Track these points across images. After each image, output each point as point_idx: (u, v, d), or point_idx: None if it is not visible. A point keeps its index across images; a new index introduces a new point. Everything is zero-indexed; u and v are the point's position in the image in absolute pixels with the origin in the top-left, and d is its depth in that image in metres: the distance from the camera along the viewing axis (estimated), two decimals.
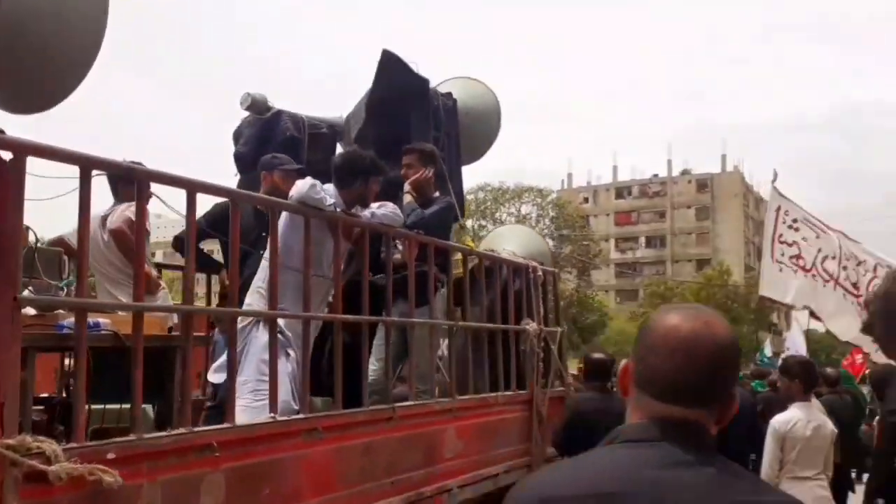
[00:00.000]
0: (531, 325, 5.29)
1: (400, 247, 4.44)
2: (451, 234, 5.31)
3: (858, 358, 13.57)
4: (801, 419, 4.84)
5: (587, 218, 56.22)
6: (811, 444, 4.85)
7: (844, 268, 7.39)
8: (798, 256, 7.46)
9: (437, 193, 4.90)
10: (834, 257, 7.38)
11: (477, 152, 6.10)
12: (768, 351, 20.39)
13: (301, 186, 3.64)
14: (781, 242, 7.57)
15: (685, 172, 73.82)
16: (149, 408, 3.59)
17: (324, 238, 3.82)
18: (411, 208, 4.60)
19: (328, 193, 3.80)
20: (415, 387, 4.19)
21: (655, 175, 74.61)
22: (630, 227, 72.98)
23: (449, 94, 5.70)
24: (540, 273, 5.61)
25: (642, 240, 72.92)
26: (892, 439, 5.31)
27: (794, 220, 7.55)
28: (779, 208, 7.59)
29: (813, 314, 7.09)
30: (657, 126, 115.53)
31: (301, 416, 3.36)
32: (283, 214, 3.73)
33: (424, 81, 5.54)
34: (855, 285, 7.33)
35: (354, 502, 3.50)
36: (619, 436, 1.33)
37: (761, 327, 44.80)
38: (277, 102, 5.80)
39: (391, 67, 5.45)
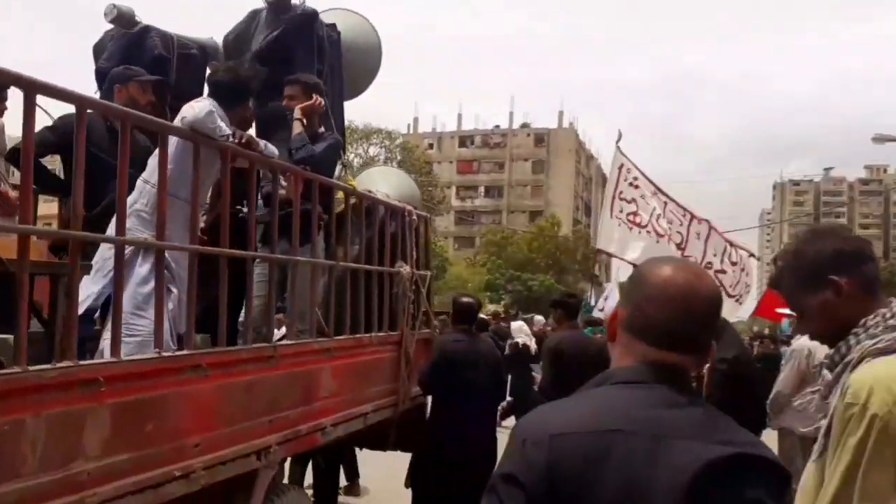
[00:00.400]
0: (405, 269, 5.33)
1: (284, 182, 4.30)
2: (336, 171, 5.22)
3: None
4: None
5: (431, 164, 56.74)
6: None
7: (671, 224, 8.07)
8: (635, 213, 8.02)
9: (321, 129, 4.76)
10: (666, 217, 8.03)
11: (357, 88, 5.96)
12: (593, 301, 21.66)
13: (198, 111, 3.40)
14: (622, 199, 8.08)
15: (525, 126, 76.00)
16: (10, 338, 3.30)
17: (210, 167, 3.63)
18: (301, 142, 4.44)
19: (224, 121, 3.58)
20: (295, 326, 4.14)
21: (497, 126, 76.30)
22: (471, 176, 74.52)
23: (333, 26, 5.50)
24: (414, 217, 5.65)
25: (482, 189, 74.74)
26: (721, 387, 5.86)
27: (635, 178, 8.09)
28: (622, 166, 8.09)
29: None
30: (501, 79, 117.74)
31: (187, 352, 3.24)
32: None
33: (311, 14, 5.30)
34: (679, 245, 8.00)
35: (233, 440, 3.44)
36: (610, 378, 1.39)
37: (585, 278, 47.43)
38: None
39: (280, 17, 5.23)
